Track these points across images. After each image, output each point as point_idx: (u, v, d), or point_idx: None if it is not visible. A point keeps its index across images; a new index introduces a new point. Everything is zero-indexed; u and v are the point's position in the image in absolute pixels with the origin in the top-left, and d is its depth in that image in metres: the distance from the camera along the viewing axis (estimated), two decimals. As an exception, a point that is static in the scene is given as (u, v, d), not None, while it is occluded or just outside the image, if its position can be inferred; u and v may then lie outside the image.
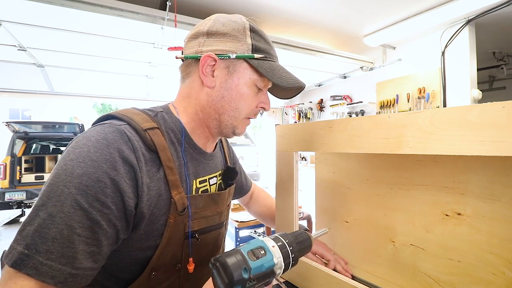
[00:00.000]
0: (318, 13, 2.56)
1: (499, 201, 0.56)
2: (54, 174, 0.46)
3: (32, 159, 5.43)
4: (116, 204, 0.47)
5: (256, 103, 0.63)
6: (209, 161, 0.67)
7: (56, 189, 0.44)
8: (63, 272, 0.42)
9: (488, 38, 2.98)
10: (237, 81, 0.59)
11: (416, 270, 0.71)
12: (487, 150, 0.42)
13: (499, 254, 0.56)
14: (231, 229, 2.58)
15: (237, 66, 0.59)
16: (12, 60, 2.97)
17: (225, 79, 0.59)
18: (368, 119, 0.59)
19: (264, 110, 0.65)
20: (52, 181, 0.45)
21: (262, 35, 0.62)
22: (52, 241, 0.42)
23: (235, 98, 0.59)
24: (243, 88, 0.59)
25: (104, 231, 0.46)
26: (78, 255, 0.43)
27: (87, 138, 0.49)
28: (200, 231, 0.62)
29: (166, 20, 2.11)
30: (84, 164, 0.46)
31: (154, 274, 0.56)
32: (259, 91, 0.62)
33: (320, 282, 0.72)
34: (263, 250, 0.43)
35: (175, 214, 0.56)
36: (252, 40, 0.59)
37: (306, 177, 2.22)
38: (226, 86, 0.59)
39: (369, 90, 3.68)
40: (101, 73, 3.46)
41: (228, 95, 0.59)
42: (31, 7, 1.85)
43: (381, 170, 0.80)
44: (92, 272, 0.46)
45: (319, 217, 1.04)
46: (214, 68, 0.58)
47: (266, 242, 0.45)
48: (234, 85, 0.59)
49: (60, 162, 0.47)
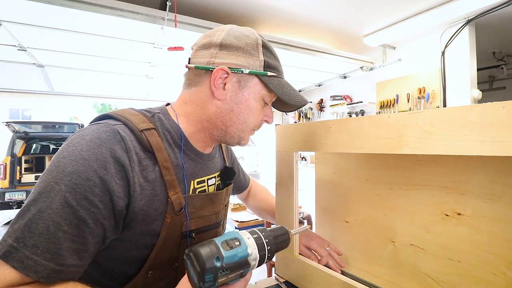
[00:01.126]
0: (318, 13, 2.56)
1: (499, 201, 0.56)
2: (47, 170, 0.47)
3: (32, 159, 5.43)
4: (104, 203, 0.48)
5: (262, 116, 0.65)
6: (208, 162, 0.68)
7: (47, 185, 0.45)
8: (47, 268, 0.42)
9: (488, 38, 2.98)
10: (247, 95, 0.60)
11: (416, 270, 0.71)
12: (487, 150, 0.42)
13: (499, 254, 0.56)
14: (231, 229, 2.58)
15: (248, 81, 0.60)
16: (12, 60, 2.97)
17: (236, 93, 0.60)
18: (368, 119, 0.59)
19: (267, 123, 0.68)
20: (45, 177, 0.46)
21: (273, 52, 0.64)
22: (39, 236, 0.43)
23: (244, 111, 0.61)
24: (252, 102, 0.61)
25: (91, 229, 0.47)
26: (62, 251, 0.44)
27: (81, 137, 0.50)
28: (197, 231, 0.62)
29: (166, 20, 2.11)
30: (76, 162, 0.46)
31: (151, 273, 0.56)
32: (265, 105, 0.64)
33: (320, 282, 0.72)
34: (238, 241, 0.44)
35: (172, 214, 0.56)
36: (264, 56, 0.60)
37: (306, 177, 2.22)
38: (236, 100, 0.60)
39: (369, 90, 3.68)
40: (101, 73, 3.46)
41: (238, 109, 0.60)
42: (31, 7, 1.85)
43: (381, 170, 0.80)
44: (77, 269, 0.47)
45: (319, 217, 1.04)
46: (225, 81, 0.59)
47: (241, 234, 0.46)
48: (244, 99, 0.60)
49: (54, 159, 0.48)
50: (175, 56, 2.85)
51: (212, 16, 2.46)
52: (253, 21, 2.67)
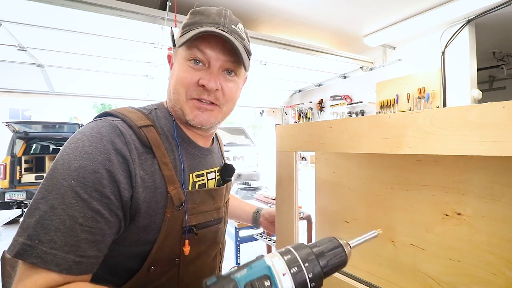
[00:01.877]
0: (318, 13, 2.56)
1: (499, 201, 0.56)
2: (52, 169, 0.47)
3: (32, 159, 5.43)
4: (114, 194, 0.49)
5: (196, 79, 0.58)
6: (206, 156, 0.68)
7: (56, 182, 0.45)
8: (67, 260, 0.43)
9: (488, 38, 2.98)
10: (177, 66, 0.60)
11: (416, 270, 0.71)
12: (487, 150, 0.42)
13: (499, 254, 0.56)
14: (231, 229, 2.57)
15: (177, 53, 0.61)
16: (12, 60, 2.97)
17: (173, 68, 0.62)
18: (368, 119, 0.59)
19: (204, 87, 0.58)
20: (51, 175, 0.47)
21: (200, 11, 0.59)
22: (55, 231, 0.43)
23: (175, 82, 0.60)
24: (180, 69, 0.59)
25: (106, 220, 0.48)
26: (81, 243, 0.45)
27: (81, 133, 0.51)
28: (198, 226, 0.63)
29: (166, 20, 2.12)
30: (80, 157, 0.47)
31: (153, 268, 0.57)
32: (196, 65, 0.58)
33: (320, 282, 0.72)
34: (268, 281, 0.32)
35: (172, 208, 0.56)
36: (188, 21, 0.60)
37: (306, 177, 2.22)
38: (172, 73, 0.63)
39: (369, 90, 3.68)
40: (101, 73, 3.46)
41: (172, 81, 0.61)
42: (31, 7, 1.85)
43: (381, 170, 0.80)
44: (96, 261, 0.47)
45: (319, 217, 1.04)
46: (171, 60, 0.63)
47: (274, 269, 0.33)
48: (176, 70, 0.60)
49: (57, 158, 0.48)
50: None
51: (212, 16, 2.45)
52: (253, 21, 2.67)
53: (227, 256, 3.53)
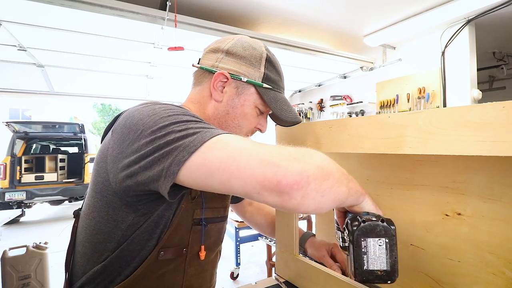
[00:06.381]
0: (318, 13, 2.56)
1: (499, 201, 0.56)
2: (133, 128, 0.50)
3: (32, 159, 5.42)
4: None
5: (256, 124, 0.69)
6: None
7: (155, 125, 0.48)
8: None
9: (488, 38, 2.99)
10: (243, 102, 0.65)
11: (416, 270, 0.71)
12: (487, 150, 0.42)
13: (499, 254, 0.56)
14: (231, 229, 2.57)
15: (245, 89, 0.65)
16: (12, 60, 2.98)
17: (233, 98, 0.65)
18: (368, 119, 0.59)
19: (260, 131, 0.72)
20: (142, 130, 0.49)
21: (276, 67, 0.68)
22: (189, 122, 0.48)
23: (238, 116, 0.66)
24: (247, 109, 0.66)
25: None
26: None
27: (138, 110, 0.54)
28: (207, 220, 0.67)
29: (166, 20, 2.12)
30: (158, 109, 0.51)
31: (162, 254, 0.59)
32: (260, 114, 0.69)
33: (320, 282, 0.72)
34: None
35: (188, 200, 0.61)
36: (266, 69, 0.65)
37: (306, 177, 2.21)
38: (232, 104, 0.65)
39: (369, 90, 3.68)
40: (101, 73, 3.47)
41: (233, 113, 0.66)
42: (31, 7, 1.85)
43: (381, 170, 0.80)
44: None
45: (319, 217, 1.04)
46: (224, 85, 0.64)
47: None
48: (240, 105, 0.65)
49: (137, 124, 0.50)
50: (175, 56, 2.86)
51: (212, 16, 2.46)
52: (253, 21, 2.67)
53: (227, 256, 3.56)
